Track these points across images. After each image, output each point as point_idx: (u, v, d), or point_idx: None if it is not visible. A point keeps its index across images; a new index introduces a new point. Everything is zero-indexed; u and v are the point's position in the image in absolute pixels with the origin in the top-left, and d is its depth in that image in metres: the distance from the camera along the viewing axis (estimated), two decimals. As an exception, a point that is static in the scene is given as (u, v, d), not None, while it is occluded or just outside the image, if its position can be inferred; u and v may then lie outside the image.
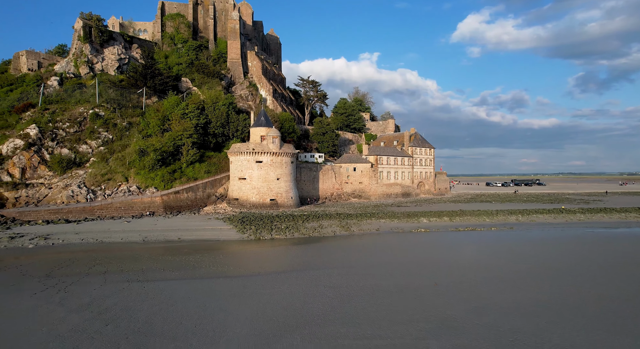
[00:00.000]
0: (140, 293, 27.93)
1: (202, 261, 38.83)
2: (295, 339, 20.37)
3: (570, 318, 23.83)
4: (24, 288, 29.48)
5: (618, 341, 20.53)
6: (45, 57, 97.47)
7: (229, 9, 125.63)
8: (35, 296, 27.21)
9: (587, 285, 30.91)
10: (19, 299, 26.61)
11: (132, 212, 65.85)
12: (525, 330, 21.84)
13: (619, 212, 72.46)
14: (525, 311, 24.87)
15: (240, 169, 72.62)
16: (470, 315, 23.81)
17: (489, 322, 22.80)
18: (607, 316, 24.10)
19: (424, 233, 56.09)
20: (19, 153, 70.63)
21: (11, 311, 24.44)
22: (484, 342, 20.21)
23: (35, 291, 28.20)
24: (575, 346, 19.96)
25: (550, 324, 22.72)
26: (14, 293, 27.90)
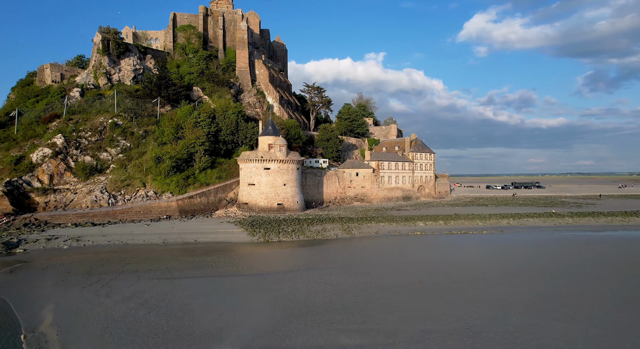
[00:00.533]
0: (170, 288, 33.26)
1: (218, 261, 44.14)
2: (300, 324, 25.51)
3: (534, 308, 28.67)
4: (72, 283, 34.99)
5: (579, 330, 25.39)
6: (67, 69, 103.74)
7: (237, 20, 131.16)
8: (85, 290, 32.68)
9: (559, 282, 35.66)
10: (73, 292, 32.08)
11: (151, 216, 71.49)
12: (487, 318, 26.74)
13: (605, 216, 76.68)
14: (493, 304, 29.74)
15: (249, 176, 78.02)
16: (443, 307, 28.78)
17: (457, 313, 27.74)
18: (571, 309, 28.91)
19: (419, 236, 60.97)
20: (47, 161, 76.67)
21: (71, 302, 29.89)
22: (449, 328, 25.15)
23: (83, 286, 33.68)
24: (532, 328, 24.82)
25: (509, 314, 27.57)
26: (67, 288, 33.38)
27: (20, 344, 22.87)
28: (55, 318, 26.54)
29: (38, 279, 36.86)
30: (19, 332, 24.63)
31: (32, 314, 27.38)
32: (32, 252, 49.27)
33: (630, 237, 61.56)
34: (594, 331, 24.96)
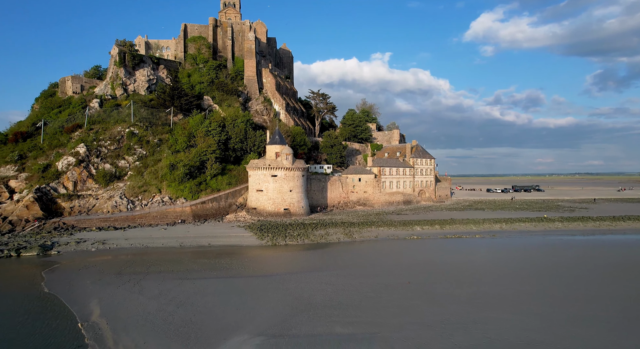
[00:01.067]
0: (192, 288, 38.65)
1: (231, 263, 49.51)
2: (303, 317, 30.70)
3: (504, 304, 33.55)
4: (107, 282, 40.54)
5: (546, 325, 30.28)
6: (86, 80, 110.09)
7: (245, 31, 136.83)
8: (120, 288, 38.18)
9: (534, 281, 40.46)
10: (110, 290, 37.60)
11: (167, 220, 77.19)
12: (460, 313, 31.69)
13: (594, 220, 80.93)
14: (469, 301, 34.67)
15: (257, 182, 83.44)
16: (424, 304, 33.80)
17: (435, 309, 32.73)
18: (535, 305, 33.77)
19: (415, 240, 65.90)
20: (71, 169, 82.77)
21: (111, 298, 35.38)
22: (426, 320, 30.16)
23: (118, 285, 39.20)
24: (493, 320, 29.73)
25: (480, 310, 32.49)
26: (104, 286, 38.92)
27: (79, 330, 28.33)
28: (101, 310, 32.02)
29: (77, 278, 42.48)
30: (74, 321, 30.12)
31: (82, 308, 32.90)
32: (64, 254, 55.05)
33: (613, 240, 65.84)
34: (543, 323, 29.80)
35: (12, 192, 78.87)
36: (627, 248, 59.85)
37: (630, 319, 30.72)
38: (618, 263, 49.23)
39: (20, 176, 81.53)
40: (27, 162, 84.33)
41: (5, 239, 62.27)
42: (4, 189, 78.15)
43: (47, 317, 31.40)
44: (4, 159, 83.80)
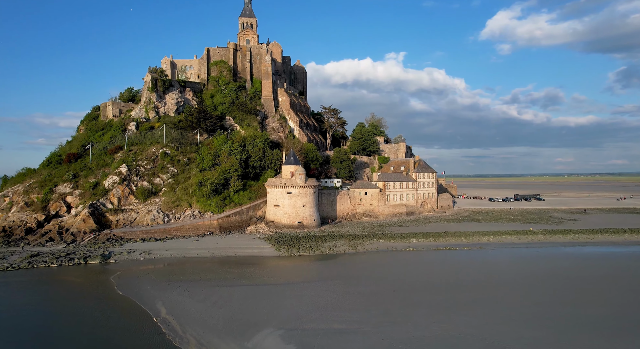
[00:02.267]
0: (227, 293, 50.76)
1: (255, 272, 61.61)
2: (311, 316, 42.34)
3: (463, 309, 44.47)
4: (163, 287, 53.01)
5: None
6: (124, 105, 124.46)
7: (263, 54, 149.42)
8: (175, 292, 50.62)
9: (497, 290, 51.17)
10: (168, 294, 50.02)
11: (197, 232, 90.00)
12: (425, 315, 42.75)
13: (574, 233, 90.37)
14: (436, 305, 45.69)
15: (275, 198, 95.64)
16: (401, 307, 45.03)
17: (408, 311, 43.93)
18: (498, 310, 44.60)
19: (410, 252, 76.91)
20: (116, 186, 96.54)
21: (171, 300, 47.73)
22: (398, 319, 41.36)
23: (172, 290, 51.66)
24: (447, 321, 40.72)
25: (440, 312, 43.49)
26: (163, 291, 51.39)
27: (156, 323, 40.68)
28: (166, 309, 44.40)
29: (139, 283, 55.19)
30: (149, 317, 42.53)
31: (151, 307, 45.35)
32: (120, 263, 68.19)
33: (587, 253, 75.42)
34: (495, 323, 40.65)
35: (69, 207, 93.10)
36: (597, 260, 69.52)
37: (572, 323, 41.33)
38: (585, 276, 59.27)
39: (74, 192, 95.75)
40: (80, 181, 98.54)
41: (71, 248, 76.02)
42: (62, 205, 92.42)
43: (129, 313, 43.97)
44: (61, 177, 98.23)
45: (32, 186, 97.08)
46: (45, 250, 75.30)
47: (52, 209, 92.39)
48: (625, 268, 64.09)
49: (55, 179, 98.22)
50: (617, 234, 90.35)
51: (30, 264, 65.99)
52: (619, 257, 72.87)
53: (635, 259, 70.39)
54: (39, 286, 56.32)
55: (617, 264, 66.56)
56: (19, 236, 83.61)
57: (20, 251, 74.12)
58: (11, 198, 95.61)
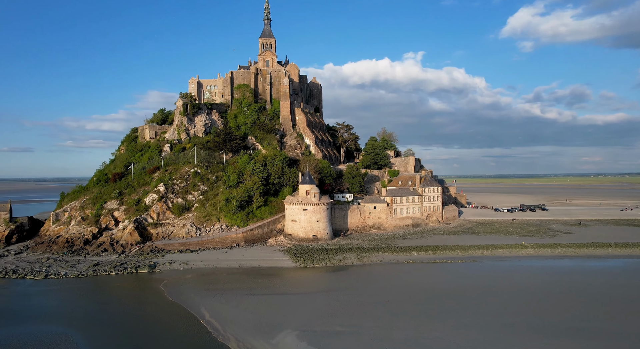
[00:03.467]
0: (255, 300, 63.69)
1: (276, 282, 74.49)
2: (320, 321, 54.78)
3: (442, 317, 55.99)
4: (203, 295, 66.43)
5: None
6: (158, 128, 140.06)
7: (281, 77, 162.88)
8: (213, 299, 63.92)
9: (479, 301, 62.38)
10: (208, 300, 63.38)
11: (225, 244, 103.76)
12: (412, 322, 54.47)
13: (562, 247, 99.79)
14: (421, 314, 57.33)
15: (292, 214, 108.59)
16: (393, 316, 56.88)
17: (398, 318, 55.77)
18: (473, 318, 56.02)
19: (410, 264, 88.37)
20: (155, 203, 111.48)
21: (211, 306, 61.03)
22: (387, 324, 53.24)
23: (211, 297, 64.99)
24: (425, 328, 52.37)
25: (425, 320, 55.09)
26: (203, 298, 64.79)
27: (202, 325, 53.96)
28: (209, 313, 57.68)
29: (183, 291, 68.84)
30: (196, 319, 55.88)
31: (197, 311, 58.72)
32: (165, 272, 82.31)
33: (569, 267, 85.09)
34: (469, 332, 52.02)
35: (117, 221, 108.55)
36: (574, 274, 79.26)
37: (535, 329, 52.41)
38: (559, 289, 69.59)
39: (120, 208, 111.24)
40: (124, 198, 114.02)
41: (122, 258, 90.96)
42: (111, 219, 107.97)
43: (180, 316, 57.47)
44: (109, 195, 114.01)
45: (86, 203, 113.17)
46: (103, 259, 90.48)
47: (103, 223, 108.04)
48: (596, 281, 73.70)
49: (105, 197, 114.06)
50: (601, 248, 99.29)
51: (94, 272, 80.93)
52: (595, 271, 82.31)
53: (607, 273, 79.80)
54: (106, 291, 70.84)
55: (591, 279, 76.09)
56: (79, 246, 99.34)
57: (84, 260, 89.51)
58: (70, 213, 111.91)
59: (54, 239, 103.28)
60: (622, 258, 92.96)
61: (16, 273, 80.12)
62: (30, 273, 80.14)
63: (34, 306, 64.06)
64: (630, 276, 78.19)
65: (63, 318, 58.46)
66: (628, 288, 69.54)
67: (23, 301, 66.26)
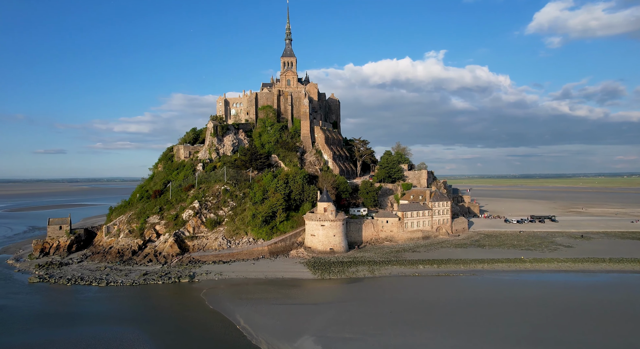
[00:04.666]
0: (280, 309, 76.75)
1: (297, 293, 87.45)
2: (333, 328, 67.22)
3: (440, 328, 67.47)
4: (236, 303, 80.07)
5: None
6: (192, 148, 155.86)
7: (301, 97, 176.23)
8: (246, 308, 77.46)
9: (469, 314, 73.48)
10: (241, 309, 76.94)
11: (253, 256, 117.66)
12: (408, 330, 66.21)
13: (558, 262, 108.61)
14: (421, 324, 68.95)
15: (311, 229, 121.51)
16: (393, 325, 68.73)
17: (397, 327, 67.60)
18: (467, 329, 67.39)
19: (415, 277, 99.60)
20: (191, 218, 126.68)
21: (244, 313, 74.55)
22: (385, 331, 65.16)
23: (244, 306, 78.54)
24: (418, 337, 64.01)
25: (419, 329, 66.69)
26: (237, 306, 78.39)
27: (239, 330, 67.42)
28: (244, 320, 71.14)
29: (220, 299, 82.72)
30: (233, 325, 69.43)
31: (233, 318, 72.29)
32: (202, 282, 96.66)
33: (557, 281, 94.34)
34: (452, 340, 63.37)
35: (159, 234, 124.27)
36: (564, 289, 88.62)
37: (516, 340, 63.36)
38: (549, 303, 79.63)
39: (161, 222, 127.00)
40: (164, 213, 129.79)
41: (165, 268, 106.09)
42: (154, 232, 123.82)
43: (220, 322, 71.15)
44: (151, 210, 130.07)
45: (131, 217, 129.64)
46: (150, 269, 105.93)
47: (147, 235, 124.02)
48: (580, 296, 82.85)
49: (147, 212, 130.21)
50: (595, 263, 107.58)
51: (145, 281, 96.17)
52: (582, 286, 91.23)
53: (593, 289, 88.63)
54: (156, 298, 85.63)
55: (576, 294, 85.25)
56: (129, 256, 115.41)
57: (134, 269, 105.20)
58: (118, 226, 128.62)
59: (108, 250, 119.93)
60: (614, 273, 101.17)
61: (84, 280, 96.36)
62: (94, 280, 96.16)
63: (103, 309, 79.33)
64: (613, 291, 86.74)
65: (128, 320, 73.18)
66: (609, 303, 78.41)
67: (94, 305, 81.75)
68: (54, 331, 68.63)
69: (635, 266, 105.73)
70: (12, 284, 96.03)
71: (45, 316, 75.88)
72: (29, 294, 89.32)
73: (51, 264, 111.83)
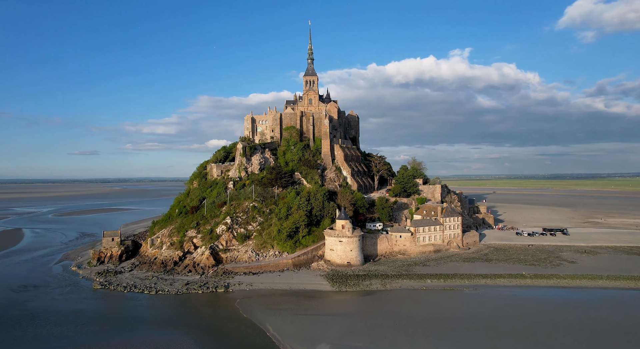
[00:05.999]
0: (302, 319, 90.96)
1: (317, 304, 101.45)
2: (346, 338, 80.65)
3: (435, 340, 79.96)
4: (265, 312, 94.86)
5: None
6: (223, 167, 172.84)
7: (322, 118, 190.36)
8: (274, 317, 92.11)
9: (467, 326, 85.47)
10: (270, 318, 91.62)
11: (278, 268, 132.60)
12: (410, 343, 78.93)
13: (557, 278, 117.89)
14: (421, 335, 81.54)
15: (330, 244, 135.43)
16: (396, 335, 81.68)
17: (401, 338, 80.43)
18: (460, 340, 79.75)
19: (422, 291, 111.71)
20: (224, 233, 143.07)
21: (273, 322, 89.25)
22: (393, 342, 78.12)
23: (272, 315, 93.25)
24: (418, 346, 76.70)
25: (421, 340, 79.28)
26: (266, 315, 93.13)
27: (269, 336, 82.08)
28: (272, 328, 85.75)
29: (251, 308, 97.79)
30: (263, 331, 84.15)
31: (264, 326, 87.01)
32: (236, 292, 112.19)
33: (553, 297, 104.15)
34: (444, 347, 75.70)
35: (196, 247, 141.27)
36: (558, 306, 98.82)
37: None
38: (539, 320, 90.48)
39: (198, 236, 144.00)
40: (200, 227, 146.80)
41: (203, 279, 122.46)
42: (192, 245, 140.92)
43: (252, 329, 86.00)
44: (189, 225, 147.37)
45: (172, 231, 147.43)
46: (190, 279, 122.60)
47: (186, 247, 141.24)
48: (570, 313, 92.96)
49: (186, 226, 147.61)
50: (592, 280, 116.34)
51: (187, 290, 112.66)
52: (575, 304, 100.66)
53: (584, 306, 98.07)
54: (198, 306, 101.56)
55: (566, 311, 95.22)
56: (171, 267, 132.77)
57: (177, 279, 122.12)
58: (161, 239, 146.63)
59: (153, 260, 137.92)
60: (609, 290, 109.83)
61: (137, 288, 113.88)
62: (145, 288, 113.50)
63: (154, 315, 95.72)
64: (605, 308, 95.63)
65: (175, 325, 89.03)
66: (599, 320, 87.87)
67: (147, 311, 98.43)
68: (120, 334, 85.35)
69: (630, 283, 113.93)
70: (81, 290, 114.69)
71: (112, 319, 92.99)
72: (96, 299, 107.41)
73: (108, 272, 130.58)
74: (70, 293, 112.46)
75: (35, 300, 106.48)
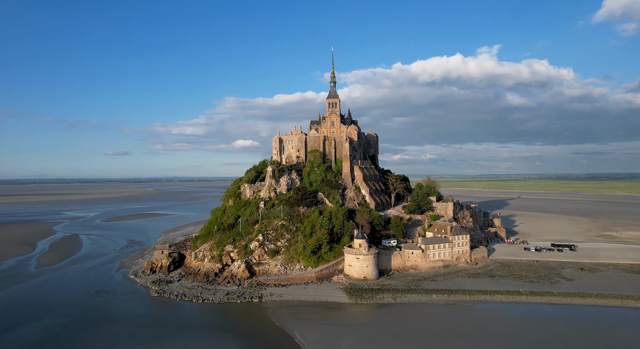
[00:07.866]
0: (323, 329, 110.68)
1: (335, 315, 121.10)
2: (360, 345, 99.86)
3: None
4: (294, 322, 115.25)
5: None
6: (255, 188, 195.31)
7: (343, 142, 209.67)
8: (301, 326, 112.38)
9: (461, 338, 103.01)
10: (297, 326, 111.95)
11: (303, 281, 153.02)
12: None
13: (550, 295, 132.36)
14: (422, 346, 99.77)
15: (349, 260, 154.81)
16: (401, 345, 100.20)
17: (405, 347, 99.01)
18: None
19: (428, 305, 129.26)
20: (256, 248, 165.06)
21: (300, 330, 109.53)
22: None
23: (300, 324, 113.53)
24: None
25: None
26: (294, 324, 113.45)
27: (296, 342, 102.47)
28: (299, 335, 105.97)
29: (282, 318, 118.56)
30: (292, 338, 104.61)
31: (292, 334, 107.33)
32: (267, 302, 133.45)
33: (543, 314, 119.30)
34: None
35: (233, 260, 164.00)
36: (543, 323, 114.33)
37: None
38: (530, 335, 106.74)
39: (234, 251, 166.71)
40: (236, 243, 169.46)
41: (240, 289, 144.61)
42: (229, 259, 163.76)
43: (283, 336, 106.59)
44: (227, 241, 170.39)
45: (212, 246, 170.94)
46: (229, 289, 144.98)
47: (224, 261, 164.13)
48: (553, 330, 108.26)
49: (224, 242, 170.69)
50: (582, 298, 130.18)
51: (227, 299, 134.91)
52: (560, 320, 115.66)
53: (567, 322, 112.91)
54: (237, 314, 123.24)
55: (549, 327, 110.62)
56: (212, 278, 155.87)
57: (218, 289, 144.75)
58: (203, 252, 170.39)
59: (197, 271, 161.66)
60: (596, 307, 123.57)
61: (186, 297, 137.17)
62: (193, 297, 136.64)
63: (202, 321, 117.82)
64: (588, 326, 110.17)
65: (219, 330, 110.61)
66: (575, 337, 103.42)
67: (195, 318, 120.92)
68: (177, 336, 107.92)
69: (616, 301, 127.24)
70: (142, 297, 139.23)
71: (172, 324, 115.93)
72: (156, 305, 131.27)
73: (160, 281, 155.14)
74: (134, 300, 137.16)
75: (109, 305, 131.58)
